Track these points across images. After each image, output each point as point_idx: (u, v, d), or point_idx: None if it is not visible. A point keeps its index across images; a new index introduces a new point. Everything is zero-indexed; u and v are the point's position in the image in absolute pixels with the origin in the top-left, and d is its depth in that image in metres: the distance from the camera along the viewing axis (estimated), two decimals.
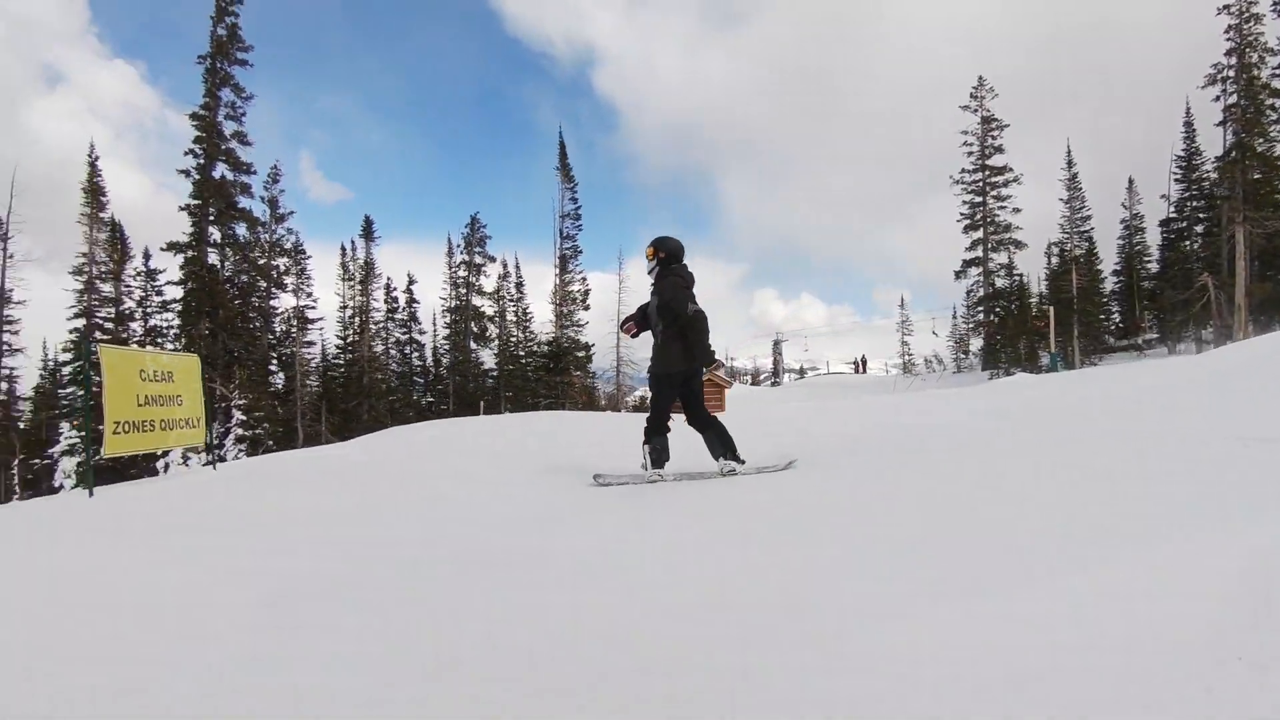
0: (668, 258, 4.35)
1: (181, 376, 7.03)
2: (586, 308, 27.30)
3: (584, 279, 27.27)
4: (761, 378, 55.67)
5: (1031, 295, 35.43)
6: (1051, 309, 29.58)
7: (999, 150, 35.07)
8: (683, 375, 4.37)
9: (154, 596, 2.41)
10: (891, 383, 35.86)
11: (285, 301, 29.47)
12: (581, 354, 27.37)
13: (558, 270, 27.29)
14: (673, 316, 4.21)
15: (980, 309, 35.51)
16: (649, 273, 4.44)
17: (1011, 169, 34.65)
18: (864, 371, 42.37)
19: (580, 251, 27.14)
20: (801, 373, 53.86)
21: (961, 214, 35.87)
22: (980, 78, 35.29)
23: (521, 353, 30.35)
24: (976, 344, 37.32)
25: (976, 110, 35.30)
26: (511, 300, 30.90)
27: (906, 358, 41.62)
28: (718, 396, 32.52)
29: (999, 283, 34.91)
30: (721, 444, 4.33)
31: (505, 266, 30.98)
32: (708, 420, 4.41)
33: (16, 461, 24.40)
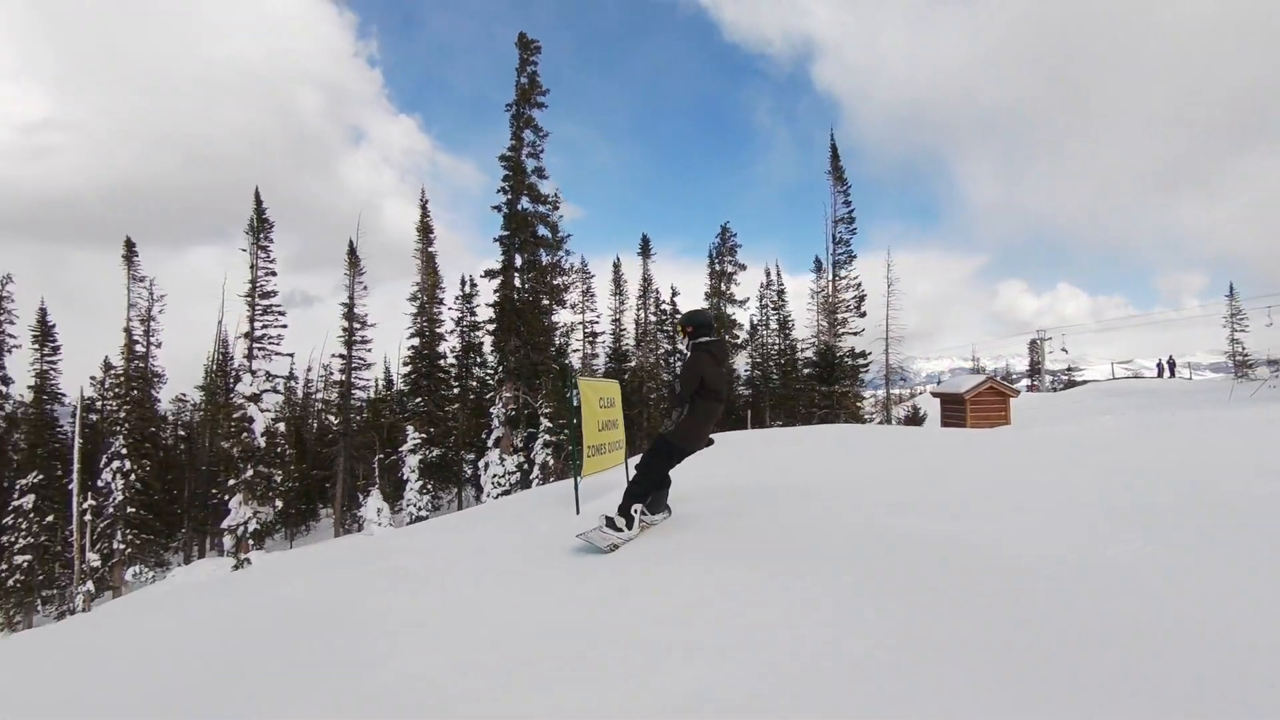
0: (696, 331, 4.51)
1: (617, 401, 7.53)
2: (862, 314, 26.20)
3: (858, 284, 26.21)
4: (1015, 380, 49.63)
5: None
6: None
7: None
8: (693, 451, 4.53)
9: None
10: (1227, 390, 29.64)
11: (563, 317, 32.55)
12: (856, 362, 26.32)
13: (830, 276, 26.56)
14: (677, 397, 4.42)
15: None
16: (686, 350, 4.62)
17: None
18: (1172, 375, 35.57)
19: (854, 256, 26.16)
20: (1069, 377, 47.00)
21: None
22: None
23: (782, 361, 30.13)
24: None
25: None
26: (773, 308, 30.88)
27: (1240, 357, 34.02)
28: (1001, 407, 29.37)
29: None
30: (633, 498, 4.42)
31: (768, 274, 31.09)
32: (667, 480, 4.67)
33: (376, 458, 29.62)
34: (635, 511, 4.28)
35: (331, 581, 4.17)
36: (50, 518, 27.68)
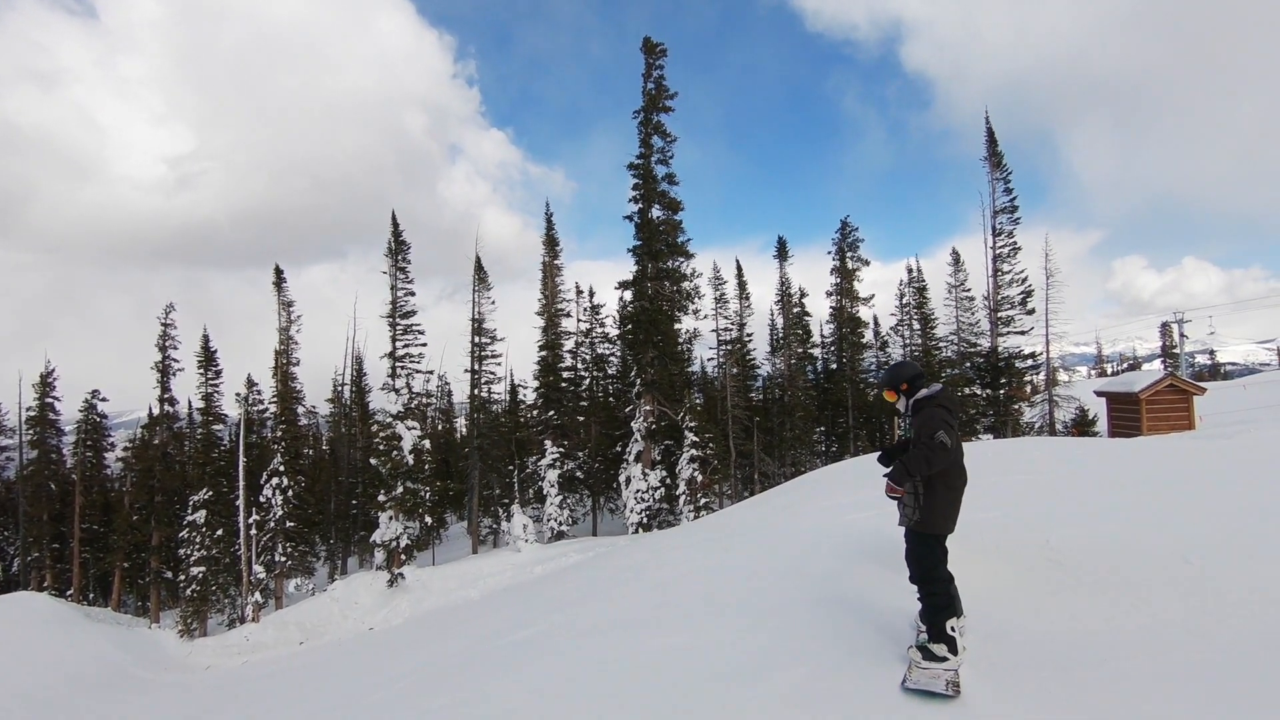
0: (912, 386, 3.87)
1: None
2: (1030, 311, 24.14)
3: (1024, 278, 24.17)
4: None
5: None
6: None
7: None
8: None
9: None
10: None
11: (686, 323, 31.83)
12: (1026, 364, 24.33)
13: (990, 271, 24.63)
14: (930, 462, 3.57)
15: None
16: (904, 415, 3.96)
17: None
18: None
19: (1019, 248, 24.12)
20: (1212, 362, 42.45)
21: None
22: None
23: (930, 362, 28.44)
24: None
25: None
26: (915, 306, 29.11)
27: None
28: (1183, 408, 26.40)
29: None
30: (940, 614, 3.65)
31: (910, 271, 29.38)
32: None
33: (514, 471, 29.95)
34: (951, 629, 3.58)
35: None
36: (220, 531, 29.35)
